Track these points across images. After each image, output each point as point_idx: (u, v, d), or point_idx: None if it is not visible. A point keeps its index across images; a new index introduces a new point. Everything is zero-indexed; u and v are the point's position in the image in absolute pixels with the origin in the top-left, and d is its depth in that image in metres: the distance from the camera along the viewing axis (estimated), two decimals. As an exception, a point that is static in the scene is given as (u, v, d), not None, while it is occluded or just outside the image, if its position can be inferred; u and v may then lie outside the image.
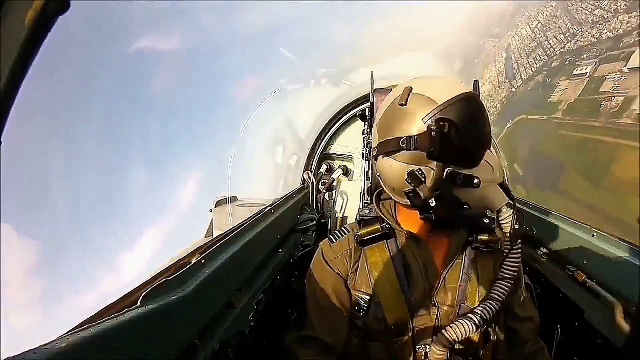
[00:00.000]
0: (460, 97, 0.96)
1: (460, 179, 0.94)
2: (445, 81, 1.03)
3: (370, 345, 1.12)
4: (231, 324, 1.15)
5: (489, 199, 0.96)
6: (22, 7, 0.37)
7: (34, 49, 0.39)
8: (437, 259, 1.10)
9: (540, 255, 1.81)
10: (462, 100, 0.96)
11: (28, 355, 0.56)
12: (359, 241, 1.13)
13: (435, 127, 0.93)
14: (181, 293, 0.91)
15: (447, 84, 1.01)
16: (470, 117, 0.96)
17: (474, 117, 0.97)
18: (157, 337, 0.83)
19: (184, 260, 1.07)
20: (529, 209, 2.03)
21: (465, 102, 0.96)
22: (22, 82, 0.39)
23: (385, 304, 1.08)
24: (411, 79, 1.05)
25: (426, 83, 1.02)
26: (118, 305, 0.81)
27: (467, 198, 0.96)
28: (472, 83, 1.87)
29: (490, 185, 0.96)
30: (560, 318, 1.48)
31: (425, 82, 1.03)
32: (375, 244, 1.13)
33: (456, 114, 0.94)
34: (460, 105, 0.95)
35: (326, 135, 2.71)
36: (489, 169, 0.98)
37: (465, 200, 0.96)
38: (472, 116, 0.97)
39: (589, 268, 1.46)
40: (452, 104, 0.95)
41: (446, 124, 0.93)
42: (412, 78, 1.06)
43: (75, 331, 0.66)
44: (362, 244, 1.13)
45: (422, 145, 0.95)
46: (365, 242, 1.13)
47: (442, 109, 0.95)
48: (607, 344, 1.21)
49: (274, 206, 1.87)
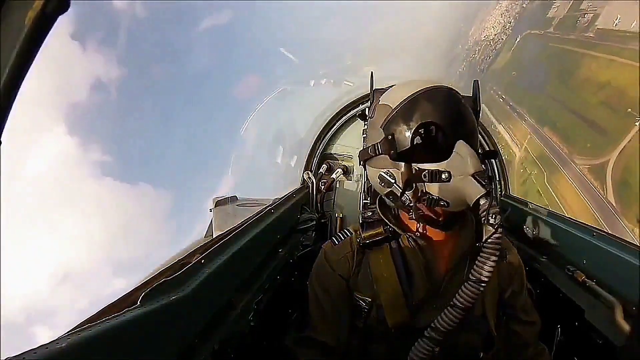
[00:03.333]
0: (412, 97, 1.00)
1: (426, 176, 0.96)
2: (408, 84, 1.06)
3: (371, 347, 1.12)
4: (231, 324, 1.14)
5: (464, 192, 0.93)
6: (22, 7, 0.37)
7: (34, 49, 0.39)
8: (440, 262, 1.10)
9: (540, 255, 1.81)
10: (413, 100, 1.00)
11: (28, 355, 0.56)
12: (362, 244, 1.13)
13: (390, 132, 1.00)
14: (181, 293, 0.91)
15: (407, 86, 1.05)
16: (422, 114, 0.99)
17: (426, 113, 0.98)
18: (157, 337, 0.83)
19: (183, 260, 1.07)
20: (528, 209, 2.02)
21: (415, 101, 1.00)
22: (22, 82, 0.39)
23: (386, 306, 1.07)
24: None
25: (390, 91, 1.09)
26: (118, 305, 0.81)
27: (443, 194, 0.97)
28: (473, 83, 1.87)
29: (464, 177, 0.93)
30: (560, 318, 1.48)
31: (389, 91, 1.09)
32: (377, 247, 1.12)
33: (407, 114, 1.00)
34: (411, 105, 1.00)
35: (326, 135, 2.70)
36: (461, 160, 0.94)
37: (441, 197, 0.97)
38: (424, 112, 0.99)
39: (589, 268, 1.46)
40: (402, 106, 1.01)
41: (398, 128, 1.00)
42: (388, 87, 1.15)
43: (75, 331, 0.66)
44: (365, 247, 1.13)
45: (384, 150, 1.01)
46: (367, 245, 1.12)
47: (394, 113, 1.01)
48: (607, 344, 1.21)
49: (274, 206, 1.87)
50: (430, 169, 0.96)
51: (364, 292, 1.11)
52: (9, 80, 0.38)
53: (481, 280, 0.94)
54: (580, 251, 1.52)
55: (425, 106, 0.99)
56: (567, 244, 1.64)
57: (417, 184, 0.99)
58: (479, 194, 0.91)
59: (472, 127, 1.05)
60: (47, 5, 0.38)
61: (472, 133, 1.03)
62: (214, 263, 1.11)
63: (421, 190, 0.99)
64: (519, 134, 24.31)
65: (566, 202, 18.79)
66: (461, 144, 0.95)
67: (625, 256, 1.26)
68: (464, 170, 0.93)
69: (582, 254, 1.50)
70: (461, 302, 0.97)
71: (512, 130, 25.02)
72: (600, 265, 1.40)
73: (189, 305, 0.93)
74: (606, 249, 1.37)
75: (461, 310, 0.97)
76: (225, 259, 1.17)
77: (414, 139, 0.98)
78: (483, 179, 0.92)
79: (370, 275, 1.11)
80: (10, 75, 0.38)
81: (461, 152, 0.94)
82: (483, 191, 0.91)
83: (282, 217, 1.88)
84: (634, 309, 1.18)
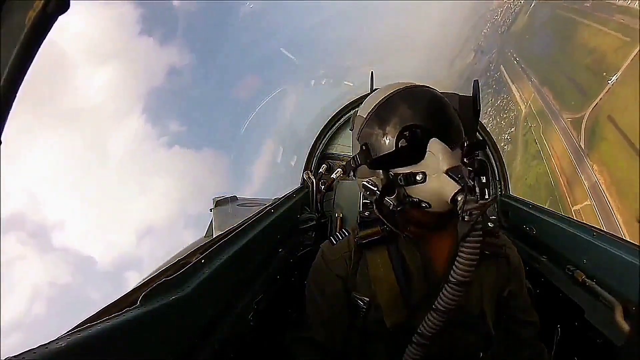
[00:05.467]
0: (380, 103, 1.02)
1: (402, 180, 0.96)
2: (378, 91, 1.07)
3: (369, 347, 1.12)
4: (231, 324, 1.14)
5: (440, 190, 0.92)
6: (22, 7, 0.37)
7: (34, 49, 0.39)
8: (438, 262, 1.09)
9: (540, 255, 1.81)
10: (382, 105, 1.01)
11: (28, 355, 0.56)
12: (360, 244, 1.13)
13: (364, 141, 1.02)
14: (181, 293, 0.91)
15: (377, 93, 1.06)
16: (393, 118, 0.99)
17: (396, 117, 0.99)
18: (157, 337, 0.83)
19: (183, 260, 1.07)
20: (528, 209, 2.02)
21: (384, 106, 1.01)
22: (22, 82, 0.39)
23: (384, 306, 1.07)
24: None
25: (365, 103, 1.09)
26: (118, 305, 0.81)
27: (423, 196, 0.96)
28: (473, 83, 1.87)
29: (438, 175, 0.91)
30: (560, 318, 1.48)
31: (365, 102, 1.09)
32: (375, 247, 1.12)
33: (377, 121, 1.01)
34: (380, 111, 1.01)
35: (326, 135, 2.70)
36: (433, 158, 0.92)
37: (421, 198, 0.96)
38: (395, 116, 0.99)
39: (588, 268, 1.46)
40: (372, 114, 1.02)
41: (371, 137, 1.01)
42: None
43: (75, 331, 0.66)
44: (363, 247, 1.13)
45: (361, 160, 1.03)
46: (365, 245, 1.12)
47: (365, 123, 1.03)
48: (607, 344, 1.21)
49: (274, 206, 1.86)
50: (405, 172, 0.96)
51: (362, 292, 1.11)
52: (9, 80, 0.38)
53: (461, 282, 0.91)
54: (580, 251, 1.51)
55: (393, 110, 1.00)
56: (567, 244, 1.63)
57: (398, 189, 0.99)
58: (453, 191, 0.88)
59: (448, 121, 1.02)
60: (47, 5, 0.38)
61: (448, 128, 1.00)
62: (214, 263, 1.11)
63: (402, 194, 0.99)
64: (526, 93, 28.65)
65: (552, 148, 23.94)
66: (434, 141, 0.93)
67: (625, 256, 1.26)
68: (437, 168, 0.91)
69: (582, 253, 1.50)
70: (442, 305, 0.95)
71: (521, 90, 29.34)
72: (600, 265, 1.40)
73: (189, 305, 0.93)
74: (606, 248, 1.37)
75: (443, 313, 0.95)
76: (225, 259, 1.17)
77: (386, 144, 0.99)
78: (457, 174, 0.89)
79: (368, 276, 1.11)
80: (10, 75, 0.38)
81: (433, 149, 0.93)
82: (457, 187, 0.88)
83: (282, 217, 1.88)
84: (634, 309, 1.18)
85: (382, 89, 1.08)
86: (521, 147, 27.24)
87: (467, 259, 0.90)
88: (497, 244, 1.13)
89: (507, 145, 28.40)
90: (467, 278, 0.91)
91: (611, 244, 1.37)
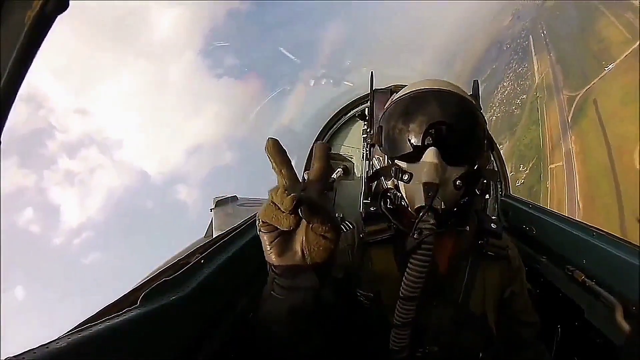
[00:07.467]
0: (411, 93, 1.04)
1: (394, 171, 1.02)
2: (413, 84, 1.09)
3: (371, 344, 1.12)
4: (231, 324, 1.14)
5: (413, 197, 0.97)
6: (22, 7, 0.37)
7: (33, 49, 0.39)
8: (442, 261, 1.09)
9: (540, 255, 1.81)
10: (405, 98, 1.05)
11: (28, 355, 0.56)
12: (364, 241, 1.13)
13: (381, 124, 1.08)
14: (181, 293, 0.91)
15: (411, 86, 1.08)
16: (406, 113, 1.02)
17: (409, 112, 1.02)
18: (157, 337, 0.82)
19: (183, 260, 1.07)
20: (528, 209, 2.02)
21: (407, 99, 1.04)
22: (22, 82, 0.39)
23: (387, 304, 1.07)
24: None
25: (409, 85, 1.12)
26: (118, 305, 0.81)
27: (404, 194, 1.03)
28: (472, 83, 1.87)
29: (418, 184, 0.95)
30: (560, 318, 1.48)
31: (409, 85, 1.12)
32: (379, 244, 1.12)
33: (395, 110, 1.05)
34: (400, 102, 1.05)
35: (326, 135, 2.70)
36: (422, 166, 0.96)
37: (404, 196, 1.03)
38: (408, 112, 1.02)
39: (588, 268, 1.46)
40: (395, 102, 1.06)
41: (387, 122, 1.06)
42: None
43: (75, 331, 0.66)
44: (367, 244, 1.12)
45: (376, 140, 1.10)
46: (369, 242, 1.12)
47: (389, 106, 1.07)
48: (607, 344, 1.21)
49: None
50: (401, 166, 1.01)
51: (366, 289, 1.11)
52: (9, 80, 0.38)
53: (410, 297, 0.94)
54: (580, 251, 1.51)
55: (410, 106, 1.04)
56: (567, 244, 1.63)
57: (393, 178, 1.05)
58: (419, 204, 0.93)
59: (463, 133, 1.02)
60: (46, 5, 0.38)
61: (460, 139, 1.01)
62: (214, 263, 1.11)
63: (395, 185, 1.06)
64: (543, 66, 33.26)
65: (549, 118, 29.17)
66: (431, 150, 0.95)
67: (625, 256, 1.26)
68: (419, 177, 0.96)
69: (582, 253, 1.50)
70: (398, 320, 1.00)
71: (540, 62, 33.94)
72: (600, 265, 1.40)
73: (189, 305, 0.93)
74: (606, 248, 1.37)
75: (404, 326, 0.99)
76: (225, 259, 1.17)
77: (393, 133, 1.04)
78: (429, 191, 0.92)
79: (371, 273, 1.11)
80: (10, 75, 0.38)
81: (426, 158, 0.96)
82: (422, 203, 0.92)
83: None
84: (634, 309, 1.18)
85: (415, 83, 1.11)
86: (527, 113, 32.29)
87: (413, 276, 0.93)
88: (500, 246, 1.13)
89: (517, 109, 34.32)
90: (415, 294, 0.93)
91: (611, 244, 1.37)
